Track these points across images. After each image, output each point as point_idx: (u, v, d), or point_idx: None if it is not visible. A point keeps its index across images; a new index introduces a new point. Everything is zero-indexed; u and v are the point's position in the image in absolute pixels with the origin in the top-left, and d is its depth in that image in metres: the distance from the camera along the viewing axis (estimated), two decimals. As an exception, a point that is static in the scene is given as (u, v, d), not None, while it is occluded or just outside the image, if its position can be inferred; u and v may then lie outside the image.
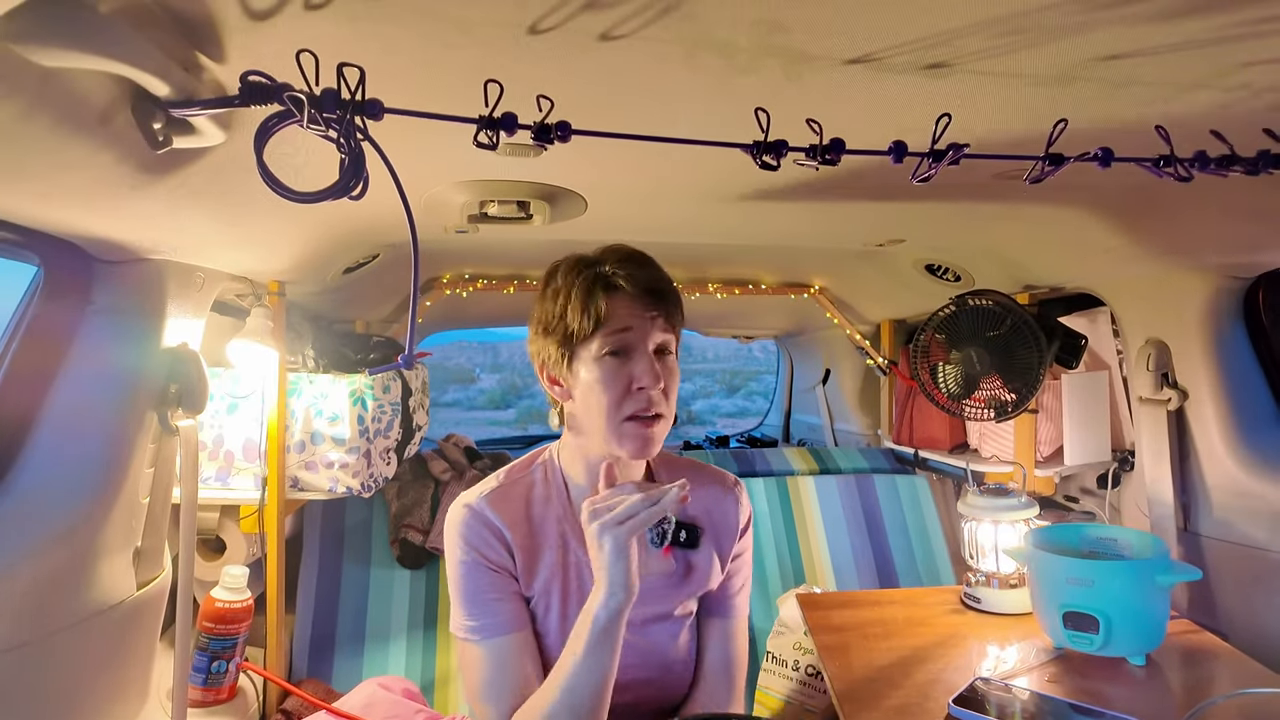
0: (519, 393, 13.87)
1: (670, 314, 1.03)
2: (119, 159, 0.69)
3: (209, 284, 1.20)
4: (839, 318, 2.40)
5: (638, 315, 1.00)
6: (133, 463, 1.04)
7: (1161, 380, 1.58)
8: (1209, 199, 1.11)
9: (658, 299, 1.02)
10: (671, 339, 1.04)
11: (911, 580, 1.99)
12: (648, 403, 1.00)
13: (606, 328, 0.99)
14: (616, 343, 0.99)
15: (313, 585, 1.71)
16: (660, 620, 1.12)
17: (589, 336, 1.00)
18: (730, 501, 1.21)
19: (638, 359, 1.00)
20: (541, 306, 1.06)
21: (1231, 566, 1.47)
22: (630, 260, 1.03)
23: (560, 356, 1.03)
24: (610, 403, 0.99)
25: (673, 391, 1.04)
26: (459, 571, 1.05)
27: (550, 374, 1.06)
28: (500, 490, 1.10)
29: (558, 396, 1.08)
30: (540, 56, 0.65)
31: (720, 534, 1.18)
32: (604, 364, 1.00)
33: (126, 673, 1.09)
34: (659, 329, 1.02)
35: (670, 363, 1.04)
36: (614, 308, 1.00)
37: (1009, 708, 1.13)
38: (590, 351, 1.00)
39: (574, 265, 1.04)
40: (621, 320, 1.00)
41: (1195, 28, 0.61)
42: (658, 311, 1.02)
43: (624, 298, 1.00)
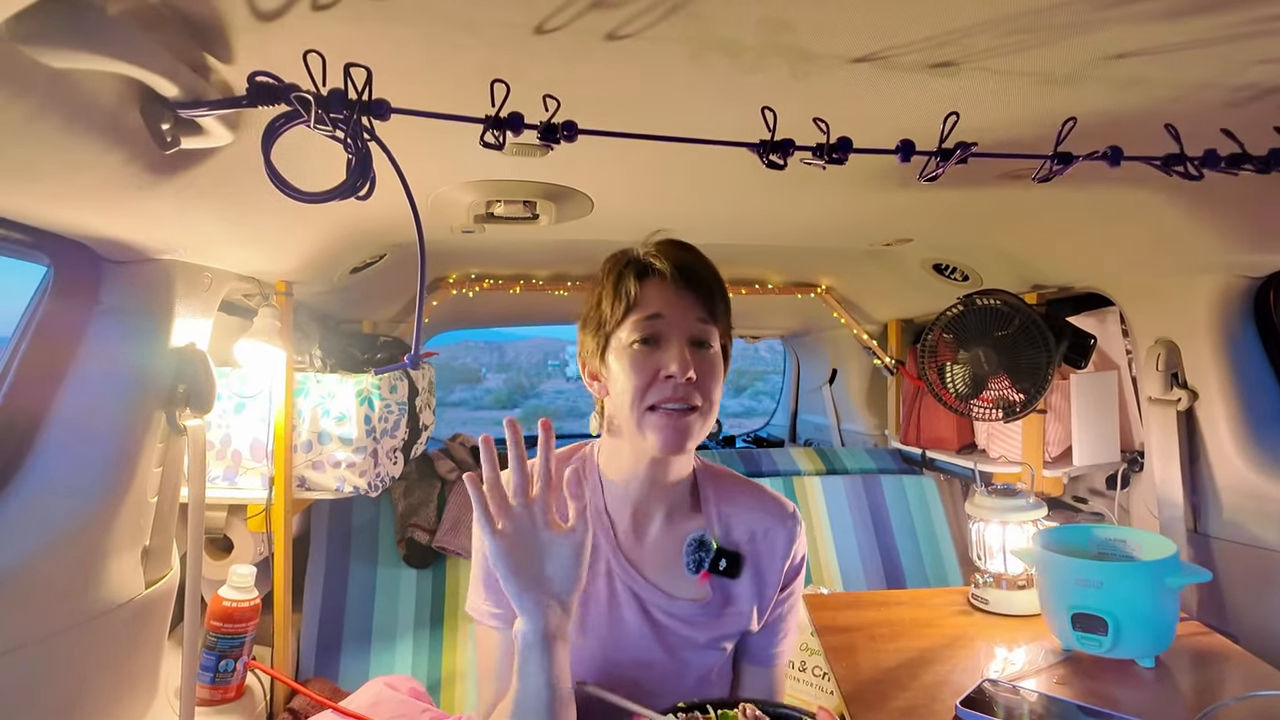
0: (525, 392, 13.90)
1: (709, 303, 0.95)
2: (127, 159, 0.70)
3: (216, 284, 1.20)
4: (846, 317, 2.39)
5: (670, 301, 0.93)
6: (141, 462, 1.05)
7: (1171, 380, 1.57)
8: (1219, 197, 1.11)
9: (694, 284, 0.94)
10: (711, 330, 0.96)
11: (919, 581, 1.99)
12: (674, 391, 0.91)
13: (637, 313, 0.93)
14: (647, 329, 0.93)
15: (320, 584, 1.71)
16: (693, 648, 1.03)
17: (620, 323, 0.94)
18: (782, 533, 1.07)
19: (668, 347, 0.93)
20: (586, 303, 1.01)
21: (1242, 568, 1.46)
22: (669, 245, 0.98)
23: (596, 347, 0.98)
24: (635, 390, 0.92)
25: (711, 385, 0.95)
26: (480, 554, 1.02)
27: (589, 368, 1.01)
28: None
29: (597, 392, 1.02)
30: (546, 56, 0.65)
31: (765, 567, 1.06)
32: (633, 352, 0.93)
33: (135, 671, 1.10)
34: (695, 318, 0.94)
35: (708, 356, 0.95)
36: (646, 292, 0.94)
37: (1017, 710, 1.12)
38: (621, 340, 0.95)
39: (616, 255, 1.00)
40: (652, 305, 0.93)
41: (1203, 26, 0.60)
42: (694, 298, 0.94)
43: (656, 281, 0.94)
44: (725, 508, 1.07)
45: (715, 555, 0.99)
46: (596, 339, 0.98)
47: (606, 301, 0.95)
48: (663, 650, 1.01)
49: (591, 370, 1.01)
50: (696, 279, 0.95)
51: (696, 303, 0.94)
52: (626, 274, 0.95)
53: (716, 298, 0.96)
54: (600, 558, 1.02)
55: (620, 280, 0.94)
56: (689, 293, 0.94)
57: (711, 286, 0.96)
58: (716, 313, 0.96)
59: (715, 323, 0.96)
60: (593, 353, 0.99)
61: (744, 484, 1.11)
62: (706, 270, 0.97)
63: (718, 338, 0.97)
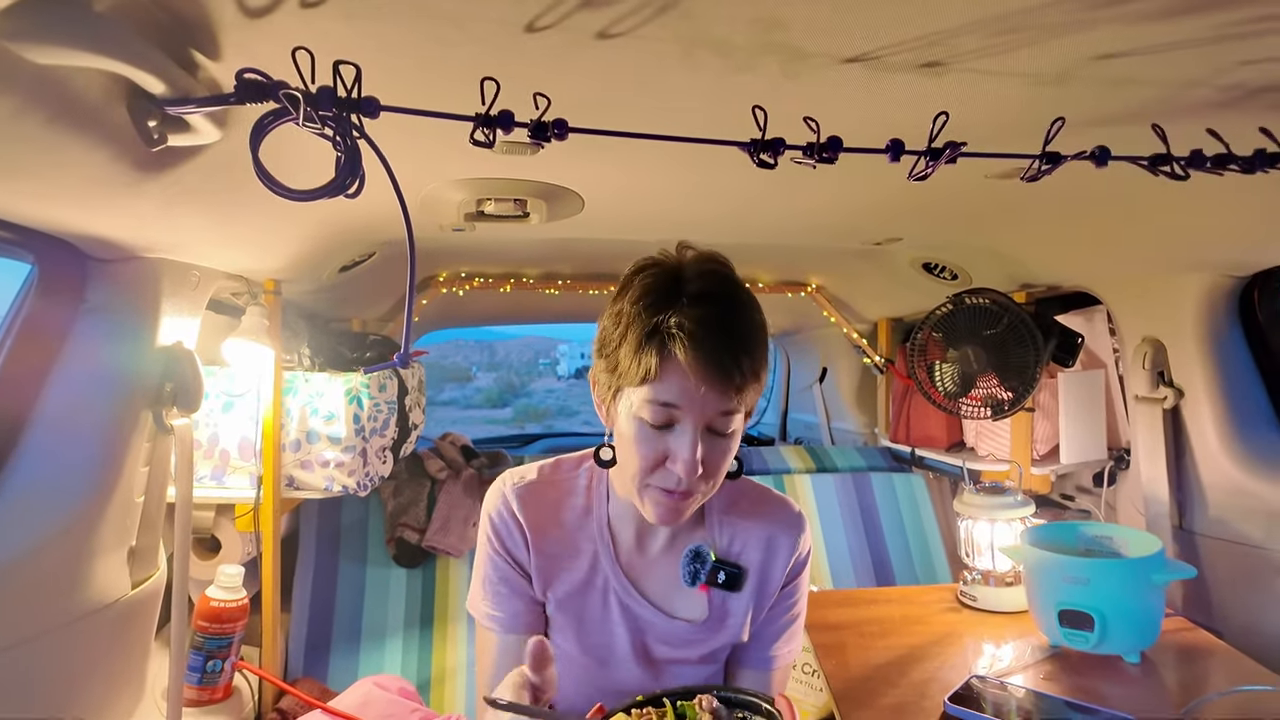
0: (516, 391, 13.88)
1: (736, 392, 0.83)
2: (114, 157, 0.69)
3: (204, 282, 1.19)
4: (836, 316, 2.40)
5: (689, 393, 0.82)
6: (127, 461, 1.04)
7: (1157, 379, 1.59)
8: (1205, 198, 1.12)
9: (721, 375, 0.81)
10: (734, 417, 0.86)
11: (908, 578, 2.00)
12: (676, 484, 0.86)
13: (653, 391, 0.83)
14: (659, 416, 0.84)
15: (308, 584, 1.70)
16: (683, 664, 1.01)
17: (635, 386, 0.85)
18: (785, 541, 1.03)
19: (680, 435, 0.84)
20: (606, 317, 0.90)
21: (1227, 565, 1.48)
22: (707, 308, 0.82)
23: (607, 385, 0.90)
24: (638, 467, 0.87)
25: (720, 468, 0.89)
26: (482, 552, 1.01)
27: (599, 395, 0.93)
28: (533, 487, 1.01)
29: (604, 422, 0.95)
30: (537, 54, 0.65)
31: (766, 575, 1.03)
32: (642, 426, 0.85)
33: (121, 672, 1.09)
34: (715, 410, 0.84)
35: (724, 441, 0.87)
36: (666, 371, 0.82)
37: (1005, 705, 1.13)
38: (633, 402, 0.85)
39: (650, 286, 0.85)
40: (670, 392, 0.82)
41: (1192, 27, 0.61)
42: (721, 390, 0.82)
43: (679, 365, 0.81)
44: (729, 519, 1.04)
45: (713, 568, 0.97)
46: (610, 380, 0.88)
47: (625, 356, 0.84)
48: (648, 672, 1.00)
49: (600, 398, 0.93)
50: (724, 370, 0.81)
51: (722, 395, 0.83)
52: (650, 345, 0.82)
53: (748, 385, 0.84)
54: (599, 573, 1.00)
55: (641, 347, 0.83)
56: (714, 386, 0.82)
57: (744, 376, 0.83)
58: (745, 395, 0.85)
59: (740, 407, 0.86)
60: (605, 388, 0.90)
61: (748, 491, 1.07)
62: (743, 348, 0.83)
63: (741, 415, 0.88)
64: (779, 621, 1.06)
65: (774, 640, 1.05)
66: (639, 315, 0.84)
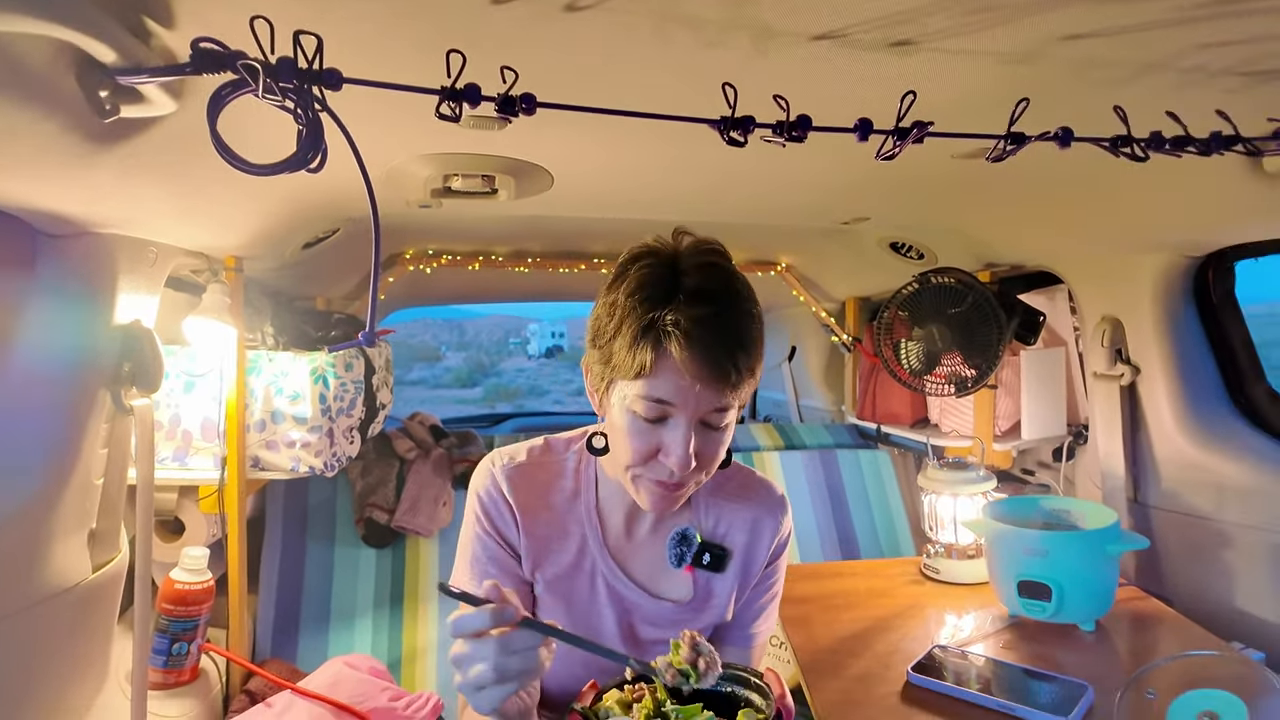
0: (486, 371, 13.79)
1: (730, 389, 0.83)
2: (64, 128, 0.67)
3: (162, 259, 1.16)
4: (805, 295, 2.42)
5: (683, 389, 0.82)
6: (84, 443, 1.02)
7: (1115, 356, 1.63)
8: (1164, 179, 1.14)
9: (716, 373, 0.81)
10: (727, 411, 0.86)
11: (873, 552, 2.04)
12: (669, 476, 0.86)
13: (646, 386, 0.83)
14: (652, 411, 0.84)
15: (275, 565, 1.69)
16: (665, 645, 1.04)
17: (628, 379, 0.84)
18: (769, 524, 1.06)
19: (673, 429, 0.84)
20: (600, 306, 0.88)
21: (1177, 535, 1.53)
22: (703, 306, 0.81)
23: (600, 376, 0.89)
24: (630, 459, 0.87)
25: (713, 461, 0.89)
26: (469, 531, 1.00)
27: (591, 384, 0.92)
28: (523, 468, 1.01)
29: (596, 410, 0.94)
30: (504, 26, 0.64)
31: (751, 559, 1.05)
32: (635, 419, 0.85)
33: (83, 656, 1.07)
34: (709, 406, 0.84)
35: (717, 435, 0.88)
36: (661, 368, 0.82)
37: (965, 674, 1.16)
38: (626, 395, 0.85)
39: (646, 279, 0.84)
40: (664, 389, 0.82)
41: (1154, 9, 0.62)
42: (715, 388, 0.82)
43: (674, 362, 0.81)
44: (715, 501, 1.05)
45: (699, 550, 0.97)
46: (603, 371, 0.87)
47: (620, 349, 0.83)
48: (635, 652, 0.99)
49: (593, 386, 0.92)
50: (718, 368, 0.81)
51: (715, 393, 0.83)
52: (645, 341, 0.82)
53: (743, 382, 0.84)
54: (587, 556, 1.00)
55: (637, 342, 0.82)
56: (708, 384, 0.82)
57: (739, 374, 0.83)
58: (740, 392, 0.85)
59: (734, 403, 0.86)
60: (597, 378, 0.90)
61: (734, 474, 1.07)
62: (738, 346, 0.82)
63: (734, 412, 0.88)
64: (759, 601, 1.08)
65: (754, 619, 1.08)
66: (634, 309, 0.83)
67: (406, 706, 1.33)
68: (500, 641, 0.69)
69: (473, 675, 0.70)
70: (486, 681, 0.69)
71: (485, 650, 0.69)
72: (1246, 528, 1.41)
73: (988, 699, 1.09)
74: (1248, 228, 1.31)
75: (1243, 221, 1.26)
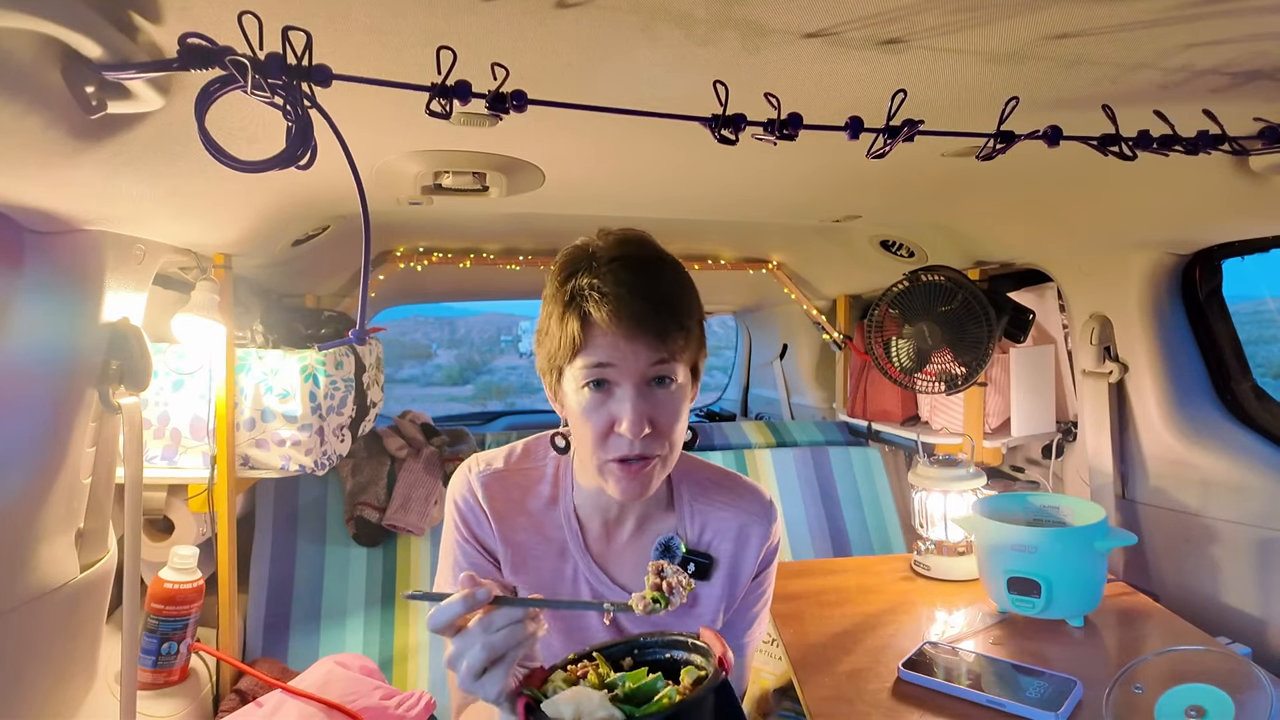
0: (477, 368, 13.74)
1: (665, 340, 0.83)
2: (49, 124, 0.66)
3: (150, 256, 1.15)
4: (796, 293, 2.42)
5: (618, 347, 0.83)
6: (72, 442, 1.01)
7: (1104, 354, 1.64)
8: (1151, 178, 1.15)
9: (643, 326, 0.82)
10: (671, 367, 0.85)
11: (864, 549, 2.04)
12: (629, 448, 0.85)
13: (583, 359, 0.84)
14: (594, 375, 0.84)
15: (266, 564, 1.68)
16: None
17: (569, 361, 0.85)
18: (757, 531, 1.03)
19: (621, 397, 0.84)
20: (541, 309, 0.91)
21: (1164, 531, 1.54)
22: (618, 267, 0.84)
23: (548, 371, 0.90)
24: (592, 442, 0.86)
25: (672, 428, 0.87)
26: (449, 537, 0.99)
27: (549, 385, 0.93)
28: (499, 475, 1.00)
29: (558, 413, 0.94)
30: (495, 23, 0.64)
31: (739, 567, 1.03)
32: (584, 397, 0.85)
33: (71, 656, 1.07)
34: (647, 361, 0.83)
35: (668, 397, 0.86)
36: (590, 336, 0.83)
37: (955, 670, 1.17)
38: (573, 379, 0.86)
39: (561, 267, 0.87)
40: (599, 351, 0.83)
41: (1142, 8, 0.62)
42: (646, 341, 0.82)
43: (599, 324, 0.82)
44: (700, 507, 1.03)
45: (683, 559, 0.96)
46: (549, 365, 0.89)
47: (554, 332, 0.85)
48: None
49: (550, 388, 0.93)
50: (644, 320, 0.82)
51: (649, 345, 0.83)
52: (570, 313, 0.83)
53: (674, 332, 0.84)
54: (568, 560, 0.99)
55: (564, 318, 0.84)
56: (639, 337, 0.82)
57: (666, 322, 0.83)
58: (675, 348, 0.85)
59: (675, 358, 0.86)
60: (549, 376, 0.91)
61: (721, 479, 1.06)
62: (661, 300, 0.83)
63: (682, 369, 0.87)
64: (750, 610, 1.07)
65: (746, 629, 1.07)
66: (556, 291, 0.86)
67: (398, 705, 1.33)
68: (482, 623, 0.70)
69: (468, 664, 0.70)
70: (481, 664, 0.69)
71: (471, 636, 0.70)
72: (1232, 523, 1.42)
73: (978, 694, 1.09)
74: (1234, 226, 1.32)
75: (1229, 220, 1.27)
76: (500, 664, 0.70)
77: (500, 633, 0.70)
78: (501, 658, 0.70)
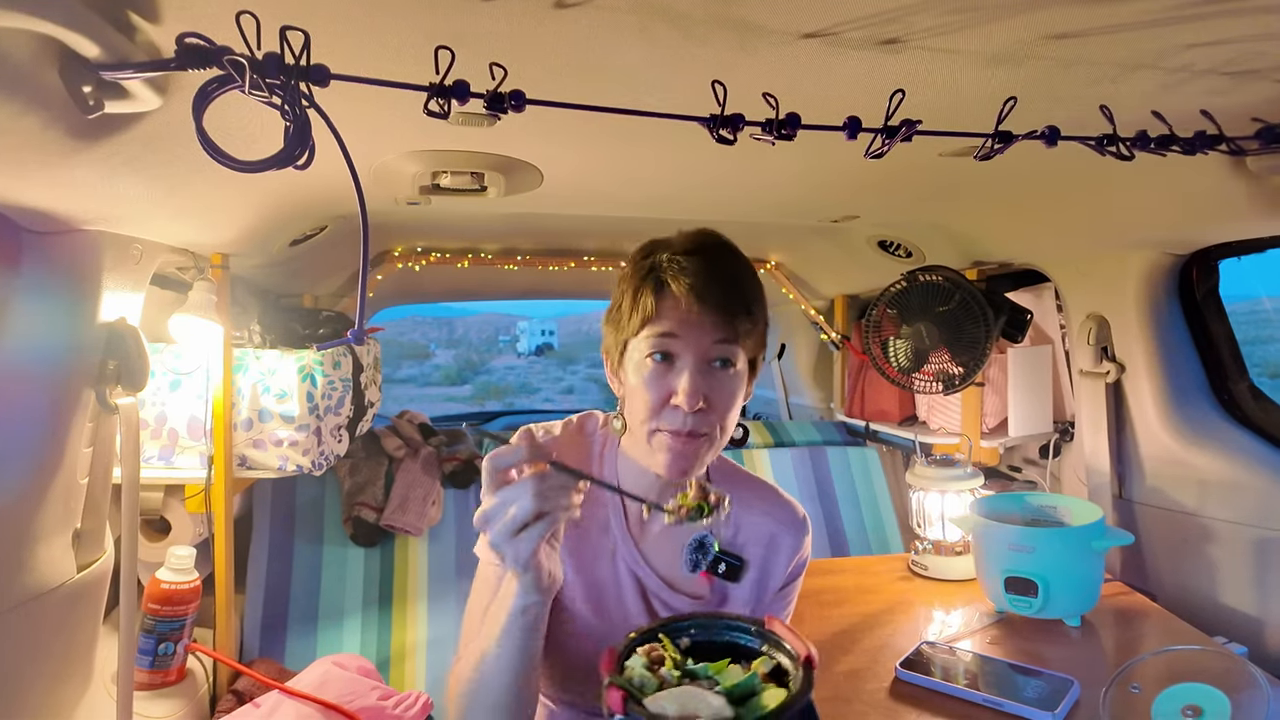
0: (475, 369, 13.73)
1: (731, 322, 0.88)
2: (46, 123, 0.66)
3: (147, 256, 1.15)
4: (794, 293, 2.42)
5: (686, 321, 0.87)
6: (69, 442, 1.01)
7: (1101, 354, 1.64)
8: (1149, 178, 1.15)
9: (714, 303, 0.87)
10: (732, 349, 0.89)
11: (862, 549, 2.05)
12: (683, 422, 0.88)
13: (652, 328, 0.88)
14: (659, 346, 0.88)
15: (263, 565, 1.68)
16: None
17: (636, 333, 0.89)
18: (789, 540, 1.05)
19: (680, 370, 0.88)
20: (612, 293, 0.96)
21: (1161, 531, 1.55)
22: (697, 250, 0.90)
23: (615, 349, 0.94)
24: (646, 411, 0.89)
25: (725, 410, 0.90)
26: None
27: (610, 364, 0.97)
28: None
29: (616, 390, 0.98)
30: (493, 23, 0.64)
31: (768, 573, 1.04)
32: (646, 368, 0.89)
33: (68, 657, 1.06)
34: (712, 340, 0.88)
35: (726, 379, 0.90)
36: (663, 307, 0.88)
37: (953, 669, 1.17)
38: (638, 351, 0.90)
39: (640, 250, 0.94)
40: (667, 323, 0.88)
41: (1140, 9, 0.62)
42: (715, 318, 0.87)
43: (673, 296, 0.88)
44: (737, 510, 1.04)
45: (715, 559, 0.96)
46: (616, 340, 0.94)
47: (626, 306, 0.90)
48: None
49: (611, 367, 0.97)
50: (716, 298, 0.87)
51: (716, 324, 0.88)
52: (645, 285, 0.89)
53: (740, 316, 0.89)
54: (609, 537, 1.00)
55: (639, 291, 0.89)
56: (708, 314, 0.87)
57: (735, 304, 0.88)
58: (740, 331, 0.89)
59: (738, 341, 0.89)
60: (613, 352, 0.95)
61: (757, 487, 1.09)
62: (730, 282, 0.89)
63: (742, 356, 0.91)
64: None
65: None
66: (634, 269, 0.91)
67: (396, 705, 1.33)
68: (538, 476, 0.72)
69: (516, 514, 0.71)
70: (527, 516, 0.71)
71: (523, 488, 0.72)
72: (1229, 523, 1.43)
73: (975, 694, 1.09)
74: (1231, 226, 1.32)
75: (1226, 220, 1.27)
76: (542, 522, 0.72)
77: (552, 490, 0.72)
78: (544, 515, 0.71)
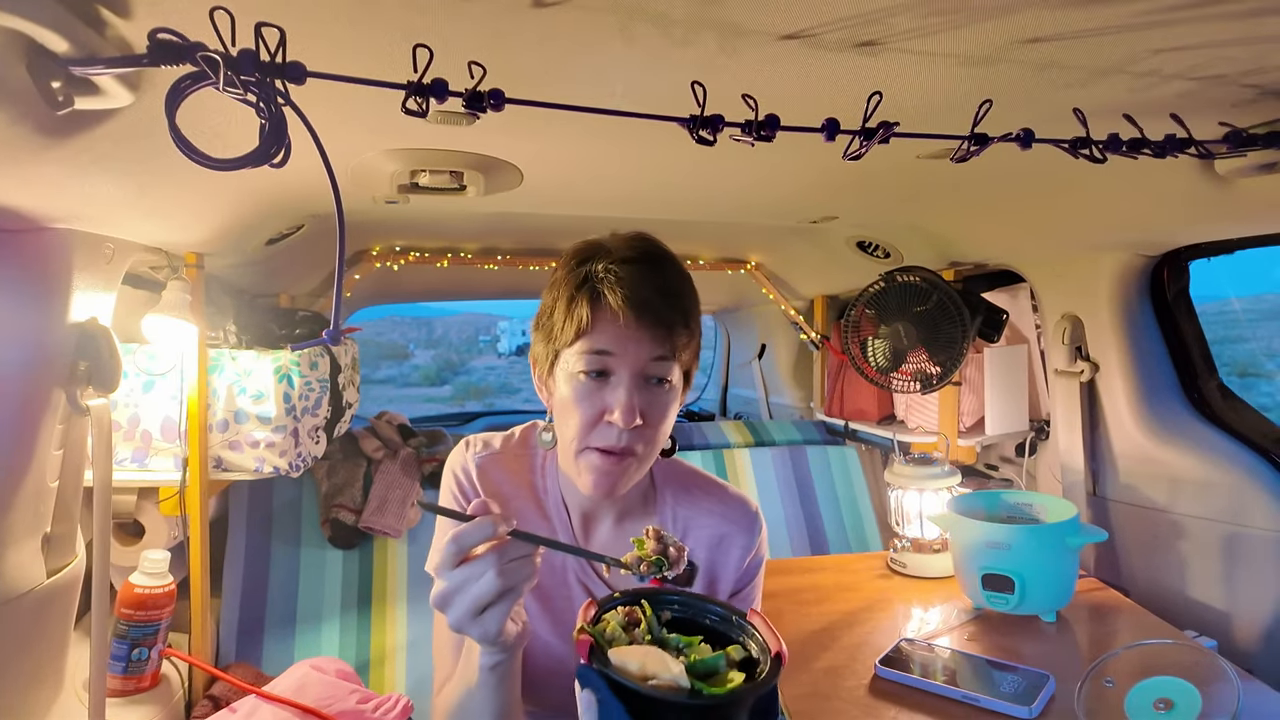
0: (455, 369, 13.66)
1: (668, 339, 0.85)
2: (13, 119, 0.65)
3: (119, 255, 1.13)
4: (774, 293, 2.44)
5: (623, 336, 0.84)
6: (38, 445, 0.99)
7: (1075, 353, 1.66)
8: (1121, 180, 1.17)
9: (652, 318, 0.84)
10: (668, 366, 0.87)
11: (841, 547, 2.06)
12: (616, 439, 0.85)
13: (586, 342, 0.85)
14: (594, 364, 0.85)
15: (239, 568, 1.66)
16: None
17: (570, 344, 0.86)
18: (738, 540, 1.01)
19: (616, 387, 0.85)
20: (543, 294, 0.93)
21: (1134, 527, 1.57)
22: (634, 259, 0.86)
23: (546, 357, 0.91)
24: (578, 427, 0.86)
25: (658, 428, 0.88)
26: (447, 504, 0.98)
27: (539, 374, 0.94)
28: (495, 457, 1.00)
29: (546, 402, 0.95)
30: (472, 21, 0.63)
31: (719, 575, 1.01)
32: (579, 382, 0.86)
33: (38, 664, 1.04)
34: (649, 356, 0.85)
35: (662, 394, 0.87)
36: (598, 320, 0.85)
37: (931, 666, 1.18)
38: (569, 364, 0.87)
39: (575, 254, 0.90)
40: (603, 339, 0.84)
41: (1111, 13, 0.63)
42: (652, 333, 0.84)
43: (610, 309, 0.84)
44: (683, 511, 1.02)
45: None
46: (547, 350, 0.90)
47: (559, 315, 0.87)
48: None
49: (540, 377, 0.94)
50: (655, 313, 0.84)
51: (653, 340, 0.85)
52: (580, 295, 0.85)
53: (679, 329, 0.86)
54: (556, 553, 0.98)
55: (573, 300, 0.86)
56: (645, 329, 0.84)
57: (673, 318, 0.85)
58: (677, 345, 0.87)
59: (675, 357, 0.87)
60: (543, 361, 0.92)
61: (706, 485, 1.05)
62: (671, 298, 0.86)
63: (677, 370, 0.89)
64: None
65: None
66: (568, 275, 0.88)
67: (375, 709, 1.32)
68: (499, 551, 0.68)
69: (474, 595, 0.68)
70: (491, 595, 0.68)
71: (485, 564, 0.68)
72: (1199, 519, 1.45)
73: (953, 690, 1.11)
74: (1201, 228, 1.35)
75: (1196, 222, 1.30)
76: (507, 598, 0.69)
77: (514, 564, 0.69)
78: (509, 591, 0.69)
